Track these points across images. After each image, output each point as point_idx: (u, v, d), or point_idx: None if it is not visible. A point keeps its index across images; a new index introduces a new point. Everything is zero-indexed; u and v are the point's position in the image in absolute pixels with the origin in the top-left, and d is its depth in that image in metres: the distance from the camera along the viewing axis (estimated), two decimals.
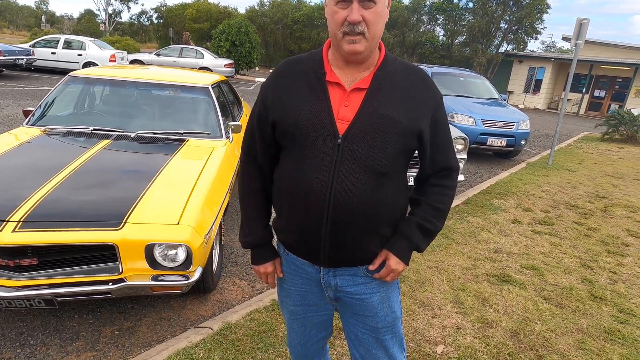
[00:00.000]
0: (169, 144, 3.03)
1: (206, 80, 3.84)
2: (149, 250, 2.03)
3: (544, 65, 21.05)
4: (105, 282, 2.03)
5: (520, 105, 20.37)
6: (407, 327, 2.45)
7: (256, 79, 19.50)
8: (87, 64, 13.52)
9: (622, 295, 3.04)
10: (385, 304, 1.26)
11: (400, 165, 1.18)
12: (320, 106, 1.11)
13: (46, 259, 2.00)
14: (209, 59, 16.59)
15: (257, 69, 24.23)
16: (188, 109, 3.65)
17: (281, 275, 1.35)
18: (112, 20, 37.75)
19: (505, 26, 22.17)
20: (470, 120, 7.07)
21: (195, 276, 2.15)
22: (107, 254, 2.03)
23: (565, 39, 21.45)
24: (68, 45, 13.96)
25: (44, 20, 36.06)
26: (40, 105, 3.37)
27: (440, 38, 25.19)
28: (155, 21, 35.84)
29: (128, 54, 16.33)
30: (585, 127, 14.48)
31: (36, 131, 3.06)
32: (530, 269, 3.32)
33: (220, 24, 20.34)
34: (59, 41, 14.00)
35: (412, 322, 2.50)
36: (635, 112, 11.41)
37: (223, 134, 3.34)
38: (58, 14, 53.22)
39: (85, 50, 13.83)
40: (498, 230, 4.11)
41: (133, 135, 3.06)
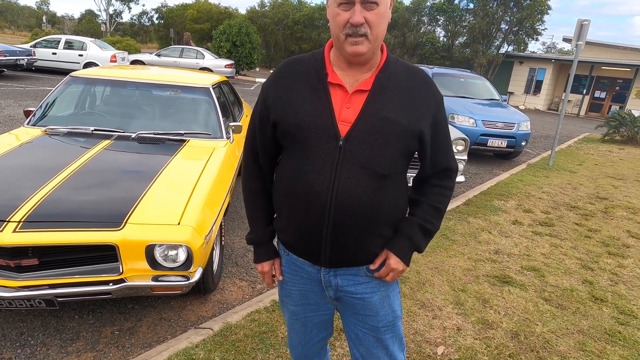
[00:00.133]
0: (170, 145, 3.03)
1: (207, 80, 3.84)
2: (150, 250, 2.03)
3: (545, 66, 21.05)
4: (106, 283, 2.03)
5: (520, 106, 20.38)
6: (408, 328, 2.44)
7: (257, 79, 19.51)
8: (88, 65, 13.53)
9: (623, 297, 3.03)
10: (386, 303, 1.27)
11: (401, 167, 1.18)
12: (322, 107, 1.11)
13: (47, 259, 2.00)
14: (209, 59, 16.60)
15: (258, 69, 24.25)
16: (189, 109, 3.65)
17: (280, 278, 1.35)
18: (113, 20, 37.79)
19: (506, 27, 22.17)
20: (471, 121, 7.07)
21: (196, 277, 2.15)
22: (108, 254, 2.03)
23: (565, 40, 21.45)
24: (69, 45, 13.98)
25: (45, 21, 36.10)
26: (41, 106, 3.38)
27: (441, 39, 25.20)
28: (156, 22, 35.88)
29: (129, 54, 16.34)
30: (585, 128, 14.47)
31: (37, 131, 3.06)
32: (531, 270, 3.32)
33: (221, 25, 20.37)
34: (59, 41, 14.02)
35: (413, 323, 2.49)
36: (636, 113, 11.40)
37: (224, 134, 3.34)
38: (59, 15, 53.38)
39: (86, 50, 13.85)
40: (498, 231, 4.11)
41: (134, 135, 3.06)
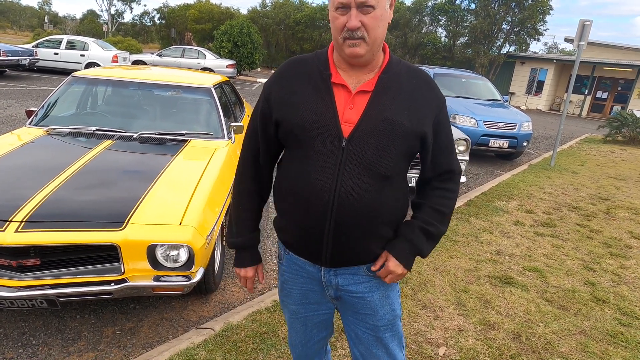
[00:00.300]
0: (171, 145, 3.03)
1: (208, 80, 3.84)
2: (151, 250, 2.03)
3: (546, 66, 21.02)
4: (107, 283, 2.03)
5: (522, 107, 20.35)
6: (409, 329, 2.44)
7: (258, 79, 19.53)
8: (90, 65, 13.56)
9: (625, 298, 3.03)
10: (386, 302, 1.27)
11: (403, 168, 1.18)
12: (326, 108, 1.11)
13: (48, 259, 2.00)
14: (211, 59, 16.62)
15: (259, 69, 24.27)
16: (190, 109, 3.65)
17: (262, 282, 1.38)
18: (115, 20, 37.87)
19: (508, 27, 22.15)
20: (472, 121, 7.06)
21: (197, 277, 2.15)
22: (109, 254, 2.03)
23: (567, 40, 21.38)
24: (71, 45, 14.01)
25: (46, 21, 36.21)
26: (43, 106, 3.38)
27: (442, 39, 25.18)
28: (158, 22, 35.92)
29: (130, 54, 16.37)
30: (587, 129, 14.45)
31: (39, 131, 3.07)
32: (533, 271, 3.31)
33: (223, 25, 20.38)
34: (61, 42, 14.04)
35: (414, 324, 2.49)
36: (638, 114, 11.37)
37: (225, 134, 3.34)
38: (61, 15, 53.50)
39: (87, 50, 13.88)
40: (500, 231, 4.10)
41: (135, 135, 3.06)
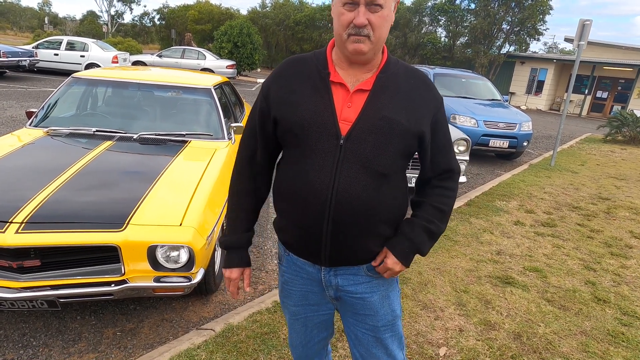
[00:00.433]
0: (172, 146, 3.03)
1: (208, 81, 3.84)
2: (152, 251, 2.03)
3: (546, 66, 21.02)
4: (108, 284, 2.03)
5: (522, 107, 20.35)
6: (410, 329, 2.44)
7: (258, 80, 19.54)
8: (90, 65, 13.56)
9: (626, 298, 3.02)
10: (386, 303, 1.27)
11: (401, 166, 1.19)
12: (324, 106, 1.12)
13: (49, 260, 2.00)
14: (211, 60, 16.62)
15: (259, 70, 24.27)
16: (190, 110, 3.65)
17: (247, 289, 1.35)
18: (115, 21, 37.88)
19: (507, 27, 22.14)
20: (472, 121, 7.06)
21: (198, 277, 2.15)
22: (110, 255, 2.03)
23: (567, 40, 21.36)
24: (71, 46, 14.01)
25: (46, 22, 36.24)
26: (43, 107, 3.38)
27: (442, 39, 25.17)
28: (158, 22, 35.92)
29: (130, 55, 16.37)
30: (587, 129, 14.44)
31: (39, 132, 3.07)
32: (533, 271, 3.31)
33: (222, 26, 20.38)
34: (61, 42, 14.05)
35: (415, 324, 2.49)
36: (638, 114, 11.37)
37: (225, 135, 3.34)
38: (61, 16, 53.56)
39: (87, 51, 13.88)
40: (500, 232, 4.10)
41: (135, 136, 3.06)
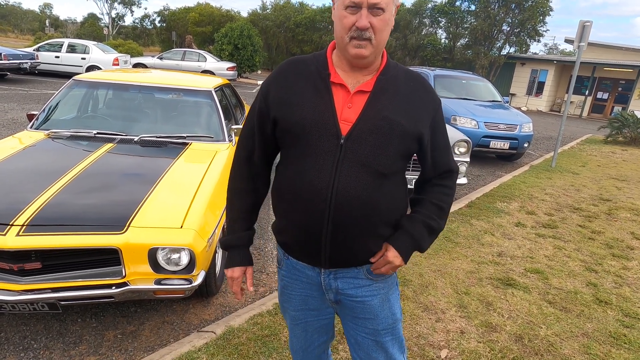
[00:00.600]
0: (172, 148, 3.03)
1: (209, 83, 3.85)
2: (152, 254, 2.03)
3: (547, 67, 21.02)
4: (109, 286, 2.03)
5: (522, 108, 20.34)
6: (411, 332, 2.44)
7: (258, 82, 19.56)
8: (91, 68, 13.59)
9: (628, 299, 3.02)
10: (386, 306, 1.27)
11: (400, 167, 1.20)
12: (324, 106, 1.12)
13: (50, 262, 2.00)
14: (211, 62, 16.65)
15: (260, 72, 24.29)
16: (191, 112, 3.65)
17: (250, 289, 1.34)
18: (116, 24, 37.99)
19: (508, 29, 22.15)
20: (473, 123, 7.05)
21: (198, 280, 2.14)
22: (111, 257, 2.03)
23: (567, 41, 21.40)
24: (72, 49, 14.05)
25: (47, 25, 36.34)
26: (44, 109, 3.39)
27: (443, 41, 25.17)
28: (158, 25, 36.01)
29: (131, 57, 16.40)
30: (588, 130, 14.43)
31: (40, 135, 3.07)
32: (535, 273, 3.30)
33: (223, 28, 20.43)
34: (62, 45, 14.08)
35: (416, 326, 2.48)
36: (639, 114, 11.36)
37: (226, 137, 3.34)
38: (62, 18, 53.64)
39: (88, 54, 13.91)
40: (502, 233, 4.09)
41: (136, 138, 3.07)
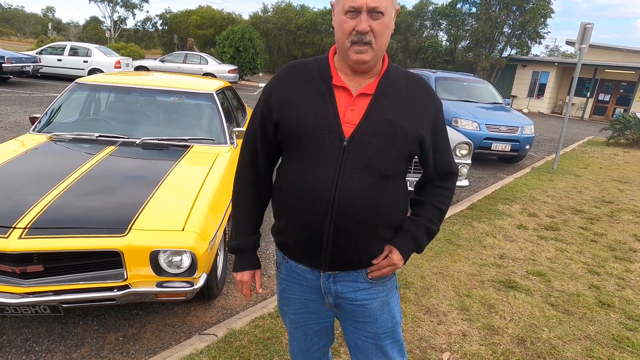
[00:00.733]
0: (174, 150, 3.04)
1: (210, 86, 3.86)
2: (154, 256, 2.03)
3: (548, 69, 21.01)
4: (110, 289, 2.03)
5: (524, 110, 20.33)
6: (413, 334, 2.43)
7: (260, 84, 19.59)
8: (93, 71, 13.64)
9: (631, 302, 3.00)
10: (385, 310, 1.27)
11: (402, 169, 1.21)
12: (327, 109, 1.13)
13: (52, 265, 2.00)
14: (213, 65, 16.70)
15: (261, 74, 24.35)
16: (193, 115, 3.67)
17: (260, 291, 1.35)
18: (117, 27, 38.13)
19: (509, 31, 22.16)
20: (474, 125, 7.05)
21: (200, 282, 2.14)
22: (112, 260, 2.03)
23: (569, 43, 21.40)
24: (74, 52, 14.10)
25: (50, 28, 36.47)
26: (46, 112, 3.40)
27: (444, 43, 25.19)
28: (160, 28, 36.19)
29: (133, 60, 16.44)
30: (590, 131, 14.41)
31: (42, 138, 3.08)
32: (537, 275, 3.29)
33: (224, 30, 20.48)
34: (65, 48, 14.14)
35: (418, 329, 2.48)
36: None
37: (227, 140, 3.35)
38: (64, 22, 53.90)
39: (90, 57, 13.96)
40: (503, 235, 4.09)
41: (138, 141, 3.08)
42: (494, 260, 3.52)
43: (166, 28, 34.54)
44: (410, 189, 1.82)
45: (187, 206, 2.28)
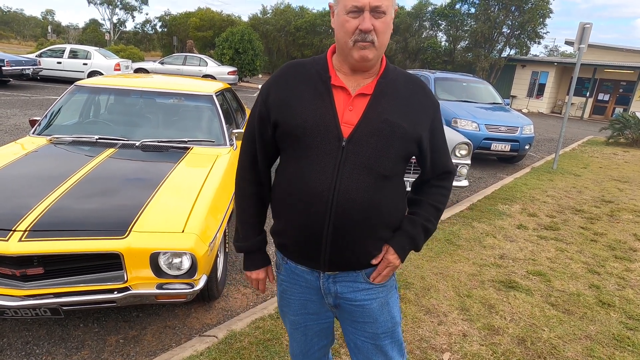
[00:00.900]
0: (174, 152, 3.04)
1: (210, 88, 3.86)
2: (154, 258, 2.03)
3: (547, 69, 21.03)
4: (111, 291, 2.03)
5: (523, 110, 20.34)
6: (413, 335, 2.43)
7: (259, 86, 19.57)
8: (93, 73, 13.66)
9: (631, 301, 3.00)
10: (385, 310, 1.27)
11: (400, 169, 1.21)
12: (325, 109, 1.13)
13: (52, 268, 2.01)
14: (212, 66, 16.71)
15: (261, 76, 24.36)
16: (192, 117, 3.67)
17: (273, 282, 1.38)
18: (117, 29, 38.21)
19: (508, 31, 22.18)
20: (474, 125, 7.06)
21: (200, 284, 2.15)
22: (113, 262, 2.04)
23: (568, 43, 21.43)
24: (73, 54, 14.13)
25: (50, 31, 36.53)
26: (46, 115, 3.41)
27: (443, 43, 25.21)
28: (160, 30, 36.22)
29: (133, 62, 16.47)
30: (589, 131, 14.41)
31: (42, 140, 3.09)
32: (537, 275, 3.29)
33: (224, 32, 20.50)
34: (64, 51, 14.16)
35: (418, 330, 2.48)
36: None
37: (227, 141, 3.35)
38: (64, 24, 53.96)
39: (90, 59, 13.99)
40: (503, 235, 4.09)
41: (138, 143, 3.08)
42: (494, 260, 3.52)
43: (165, 30, 34.58)
44: (409, 189, 1.84)
45: (187, 208, 2.28)
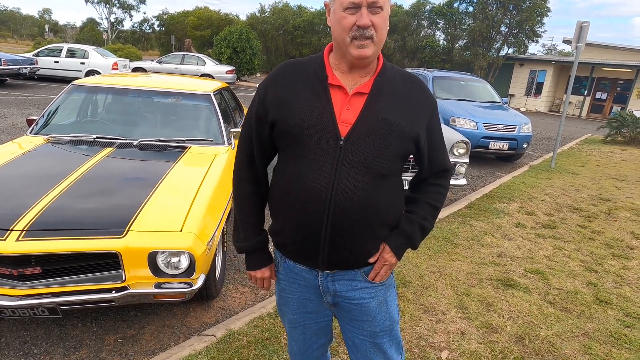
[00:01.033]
0: (172, 151, 3.04)
1: (208, 87, 3.86)
2: (152, 257, 2.03)
3: (545, 68, 21.06)
4: (109, 290, 2.03)
5: (521, 109, 20.37)
6: (411, 333, 2.43)
7: (257, 85, 19.58)
8: (90, 72, 13.62)
9: (628, 299, 3.01)
10: (383, 308, 1.28)
11: (398, 168, 1.21)
12: (323, 108, 1.13)
13: (50, 267, 2.00)
14: (210, 65, 16.68)
15: (259, 75, 24.34)
16: (190, 116, 3.66)
17: (275, 279, 1.37)
18: (115, 28, 38.10)
19: (506, 30, 22.20)
20: (472, 123, 7.07)
21: (198, 283, 2.14)
22: (111, 261, 2.03)
23: (565, 41, 21.46)
24: (71, 54, 14.08)
25: (47, 30, 36.43)
26: (43, 114, 3.40)
27: (441, 42, 25.21)
28: (157, 29, 36.11)
29: (130, 61, 16.44)
30: (587, 130, 14.45)
31: (40, 140, 3.08)
32: (535, 273, 3.30)
33: (222, 31, 20.47)
34: (62, 50, 14.12)
35: (416, 328, 2.48)
36: (638, 114, 11.39)
37: (225, 140, 3.35)
38: (61, 23, 53.78)
39: (87, 58, 13.95)
40: (501, 234, 4.10)
41: (135, 142, 3.07)
42: (492, 258, 3.53)
43: (163, 29, 34.48)
44: (407, 188, 1.86)
45: (185, 207, 2.28)
